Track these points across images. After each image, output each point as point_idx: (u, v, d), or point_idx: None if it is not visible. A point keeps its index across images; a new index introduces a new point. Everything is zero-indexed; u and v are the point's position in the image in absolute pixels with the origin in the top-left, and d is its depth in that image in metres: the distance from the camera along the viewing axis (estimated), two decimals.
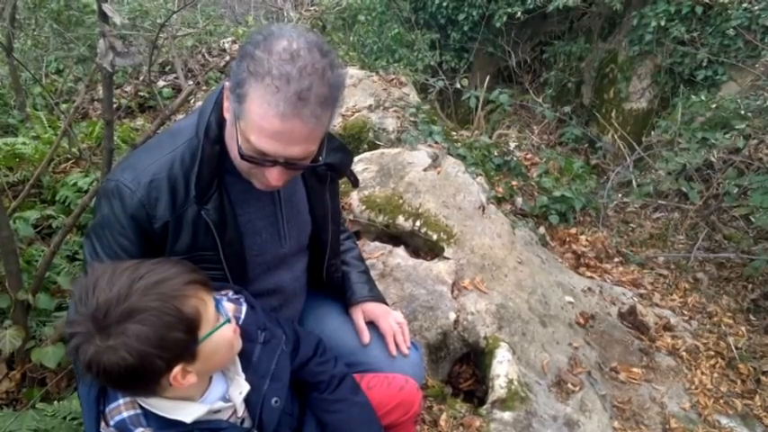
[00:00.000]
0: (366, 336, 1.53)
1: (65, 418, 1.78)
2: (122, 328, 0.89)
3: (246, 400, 1.11)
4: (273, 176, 1.13)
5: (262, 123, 1.04)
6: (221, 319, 1.04)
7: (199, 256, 1.21)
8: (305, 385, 1.29)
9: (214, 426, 1.05)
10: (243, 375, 1.11)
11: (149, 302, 0.91)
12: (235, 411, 1.09)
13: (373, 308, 1.58)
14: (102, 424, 1.02)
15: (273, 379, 1.16)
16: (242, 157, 1.10)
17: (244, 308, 1.17)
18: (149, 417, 1.01)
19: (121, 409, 1.01)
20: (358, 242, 2.80)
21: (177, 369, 0.96)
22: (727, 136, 4.14)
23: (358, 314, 1.57)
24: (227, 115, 1.15)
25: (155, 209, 1.17)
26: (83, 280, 0.96)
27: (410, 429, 1.51)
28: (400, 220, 2.85)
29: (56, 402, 1.86)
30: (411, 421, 1.49)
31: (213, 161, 1.19)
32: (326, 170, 1.40)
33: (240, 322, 1.12)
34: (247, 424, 1.12)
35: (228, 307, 1.08)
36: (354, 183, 1.53)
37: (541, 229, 3.78)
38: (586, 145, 6.29)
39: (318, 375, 1.29)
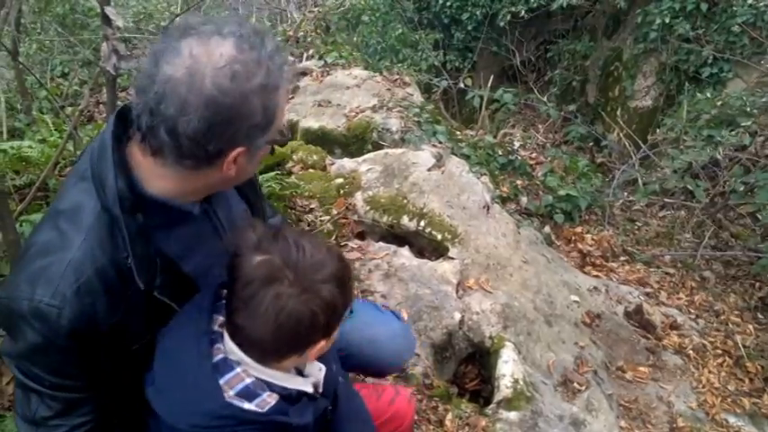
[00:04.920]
0: None
1: None
2: (320, 286, 0.98)
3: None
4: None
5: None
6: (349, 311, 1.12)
7: (157, 324, 1.09)
8: None
9: (314, 401, 1.11)
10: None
11: (343, 271, 1.03)
12: (317, 389, 1.15)
13: None
14: (224, 394, 0.98)
15: (334, 361, 1.22)
16: (278, 144, 1.10)
17: None
18: (270, 384, 1.04)
19: (242, 376, 1.01)
20: (362, 242, 2.83)
21: (323, 342, 1.04)
22: (733, 133, 4.12)
23: None
24: (234, 167, 1.02)
25: (94, 316, 0.97)
26: (283, 241, 1.01)
27: None
28: (404, 220, 2.85)
29: None
30: (408, 430, 1.49)
31: (144, 233, 1.01)
32: None
33: None
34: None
35: None
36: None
37: (546, 229, 3.77)
38: (591, 143, 6.26)
39: None
